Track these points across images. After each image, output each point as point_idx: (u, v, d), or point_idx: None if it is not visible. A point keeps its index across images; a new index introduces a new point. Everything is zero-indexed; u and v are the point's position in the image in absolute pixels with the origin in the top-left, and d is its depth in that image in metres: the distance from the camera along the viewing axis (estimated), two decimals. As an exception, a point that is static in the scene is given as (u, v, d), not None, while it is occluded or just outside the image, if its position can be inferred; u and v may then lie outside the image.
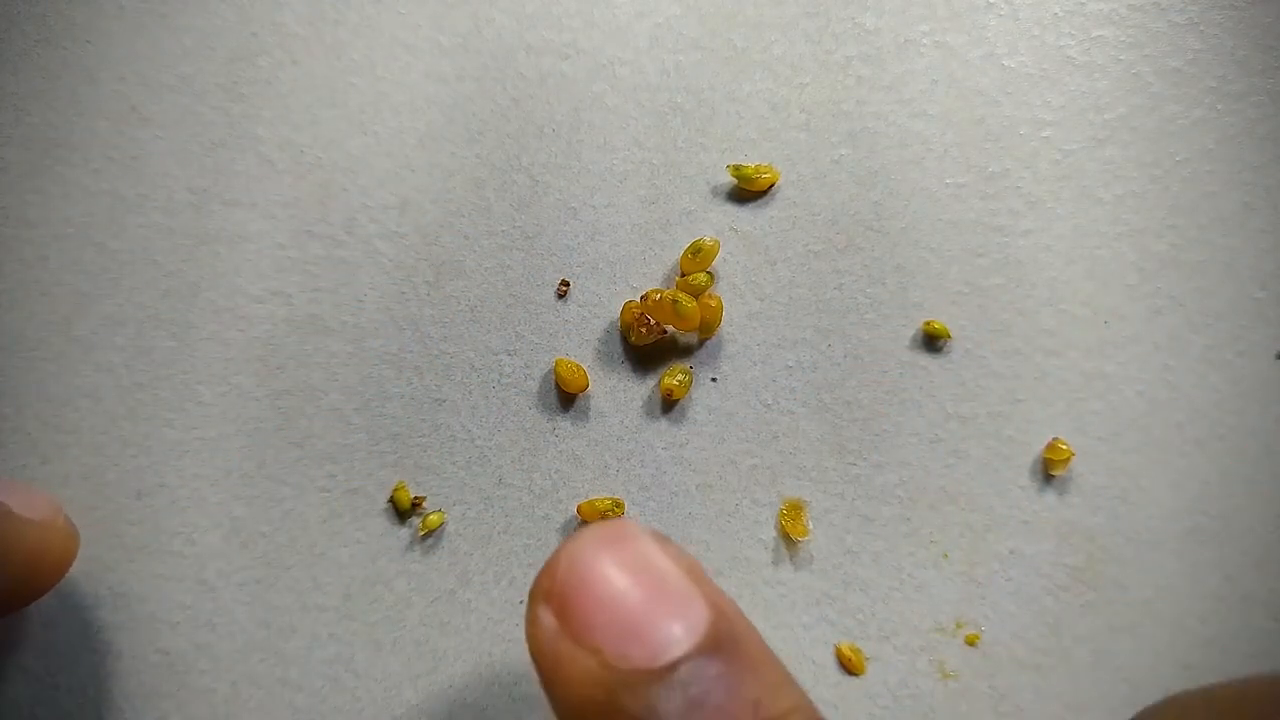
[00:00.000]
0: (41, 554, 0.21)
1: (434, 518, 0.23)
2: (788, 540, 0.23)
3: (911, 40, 0.25)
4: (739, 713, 0.16)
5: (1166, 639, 0.23)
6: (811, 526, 0.24)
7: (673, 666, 0.16)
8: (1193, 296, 0.24)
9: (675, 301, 0.23)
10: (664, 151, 0.25)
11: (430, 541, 0.24)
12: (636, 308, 0.24)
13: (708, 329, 0.24)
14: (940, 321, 0.24)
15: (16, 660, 0.23)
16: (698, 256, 0.24)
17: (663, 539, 0.19)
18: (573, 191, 0.25)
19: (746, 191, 0.25)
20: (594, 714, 0.16)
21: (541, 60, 0.25)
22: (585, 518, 0.23)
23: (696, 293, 0.24)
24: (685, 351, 0.24)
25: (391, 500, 0.24)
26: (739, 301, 0.25)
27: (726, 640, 0.17)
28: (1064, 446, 0.23)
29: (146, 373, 0.24)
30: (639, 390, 0.24)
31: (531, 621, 0.17)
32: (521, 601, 0.23)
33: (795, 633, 0.23)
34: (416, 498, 0.24)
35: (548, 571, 0.18)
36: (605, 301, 0.25)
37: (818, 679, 0.23)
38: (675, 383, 0.24)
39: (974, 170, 0.25)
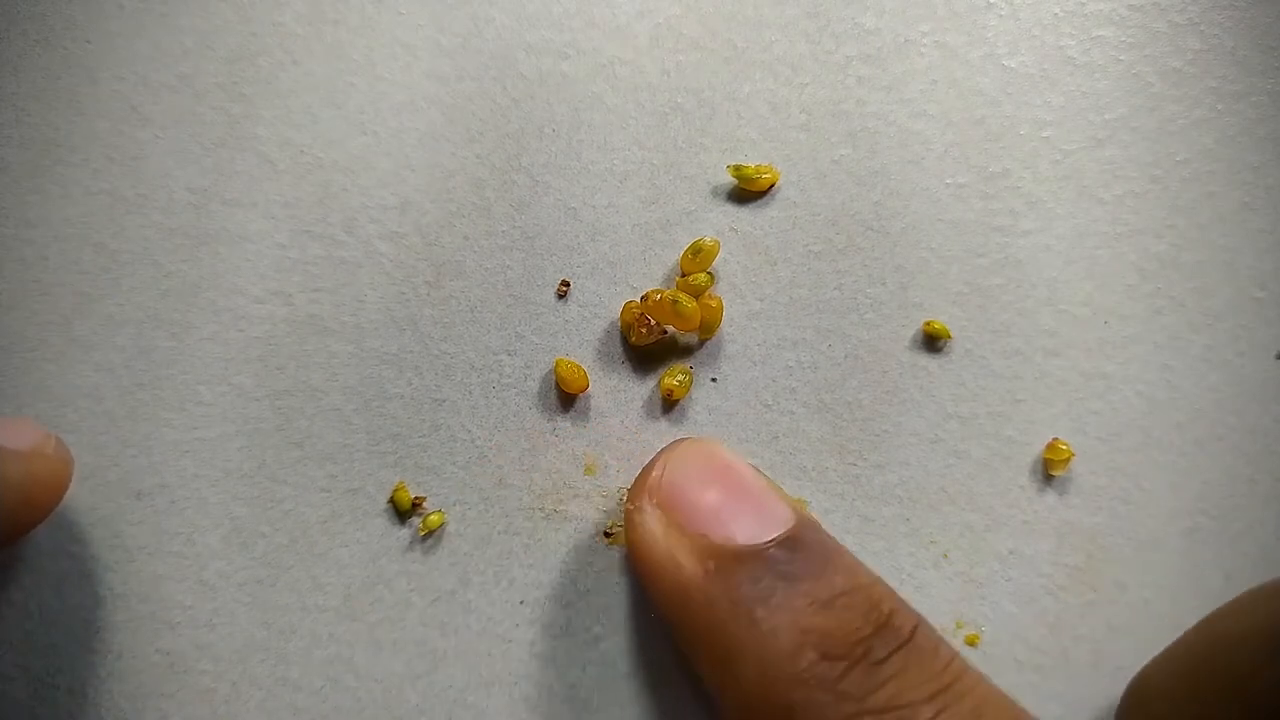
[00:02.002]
0: (31, 484, 0.21)
1: (434, 518, 0.23)
2: None
3: (911, 40, 0.25)
4: (831, 581, 0.18)
5: (1166, 639, 0.23)
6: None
7: (773, 544, 0.18)
8: (1193, 296, 0.24)
9: (675, 301, 0.23)
10: (664, 151, 0.25)
11: (430, 541, 0.24)
12: (636, 308, 0.24)
13: (708, 329, 0.24)
14: (940, 321, 0.24)
15: (16, 660, 0.23)
16: (698, 256, 0.24)
17: (740, 456, 0.21)
18: (573, 191, 0.25)
19: (746, 191, 0.25)
20: (708, 590, 0.18)
21: (541, 60, 0.25)
22: (613, 542, 0.23)
23: (696, 293, 0.24)
24: (685, 351, 0.24)
25: (391, 500, 0.24)
26: (739, 301, 0.25)
27: (810, 529, 0.19)
28: (1064, 446, 0.23)
29: (146, 373, 0.24)
30: (639, 390, 0.24)
31: (637, 512, 0.20)
32: (522, 602, 0.23)
33: (795, 633, 0.23)
34: (416, 498, 0.24)
35: (648, 474, 0.20)
36: (605, 301, 0.25)
37: (818, 679, 0.23)
38: (675, 383, 0.24)
39: (974, 170, 0.25)
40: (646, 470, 0.21)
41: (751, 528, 0.19)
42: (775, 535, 0.19)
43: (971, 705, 0.17)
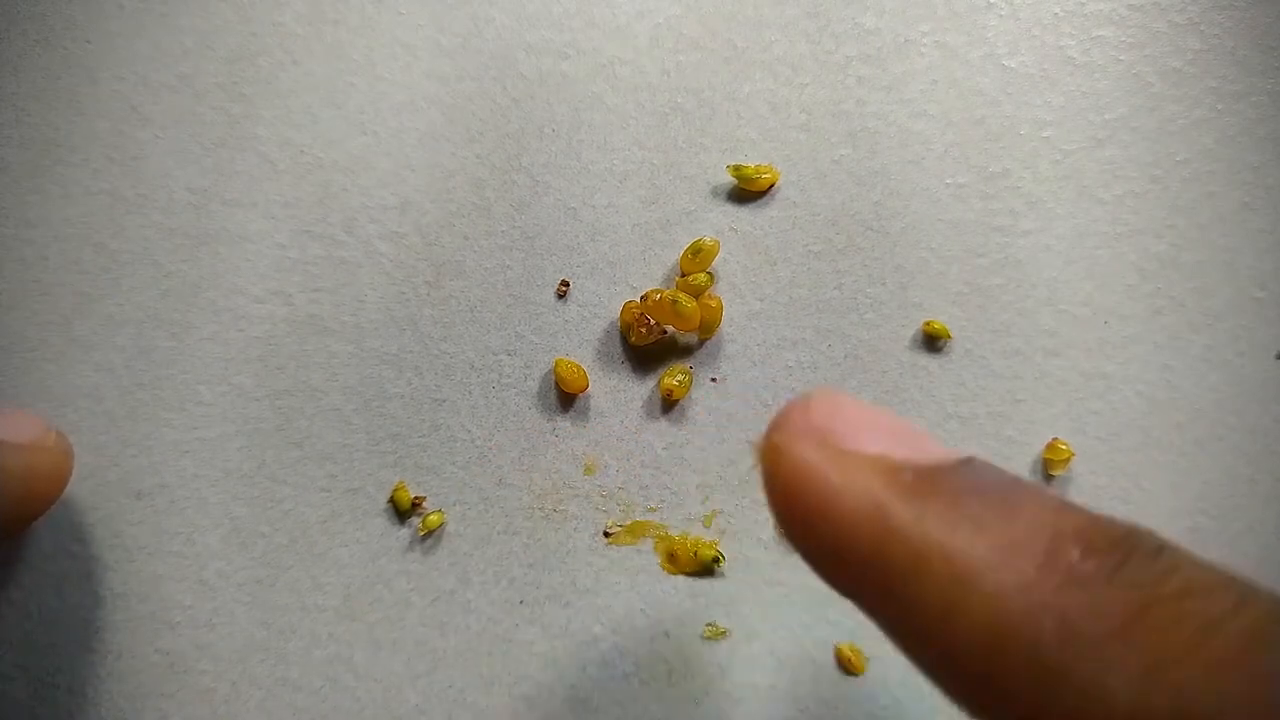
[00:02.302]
0: (31, 476, 0.21)
1: (434, 518, 0.23)
2: None
3: (911, 40, 0.25)
4: (1049, 492, 0.14)
5: (1166, 639, 0.23)
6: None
7: (960, 464, 0.15)
8: (1193, 296, 0.24)
9: (675, 301, 0.23)
10: (664, 151, 0.25)
11: (430, 541, 0.24)
12: (636, 308, 0.24)
13: (708, 329, 0.24)
14: (940, 321, 0.24)
15: (16, 660, 0.23)
16: (698, 256, 0.24)
17: None
18: (573, 191, 0.25)
19: (746, 191, 0.25)
20: (902, 509, 0.14)
21: (541, 60, 0.25)
22: (613, 540, 0.23)
23: (696, 293, 0.24)
24: (685, 351, 0.24)
25: (391, 500, 0.24)
26: (739, 301, 0.25)
27: (981, 460, 0.15)
28: (1064, 446, 0.23)
29: (146, 373, 0.24)
30: (639, 390, 0.24)
31: (781, 445, 0.15)
32: (522, 602, 0.23)
33: (795, 633, 0.23)
34: (416, 498, 0.24)
35: (791, 415, 0.16)
36: (605, 301, 0.25)
37: (818, 679, 0.23)
38: (675, 383, 0.24)
39: (974, 170, 0.25)
40: (780, 415, 0.16)
41: (928, 452, 0.15)
42: (959, 456, 0.15)
43: (1268, 608, 0.13)
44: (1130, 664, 0.13)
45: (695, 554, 0.23)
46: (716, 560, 0.23)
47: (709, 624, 0.23)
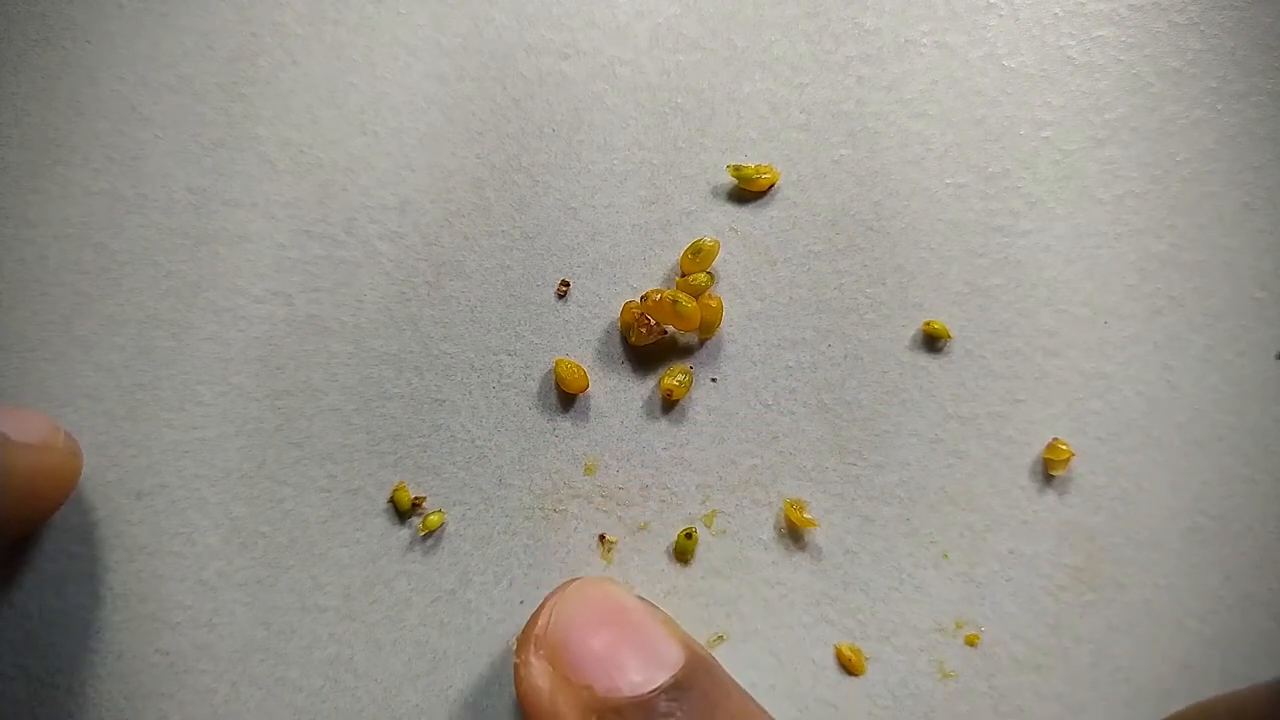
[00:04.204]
0: (40, 477, 0.21)
1: (434, 518, 0.23)
2: (795, 532, 0.23)
3: (911, 40, 0.25)
4: None
5: (1166, 639, 0.23)
6: (817, 520, 0.24)
7: (653, 696, 0.18)
8: (1193, 296, 0.24)
9: (675, 301, 0.23)
10: (664, 151, 0.25)
11: (430, 541, 0.24)
12: (636, 308, 0.24)
13: (708, 329, 0.24)
14: (940, 321, 0.24)
15: (16, 660, 0.23)
16: (698, 256, 0.24)
17: (630, 592, 0.21)
18: (573, 191, 0.25)
19: (746, 191, 0.25)
20: None
21: (541, 60, 0.25)
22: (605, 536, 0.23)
23: (696, 293, 0.24)
24: (685, 351, 0.24)
25: (391, 500, 0.24)
26: (739, 301, 0.25)
27: (700, 673, 0.19)
28: (1064, 446, 0.23)
29: (146, 373, 0.24)
30: (639, 390, 0.24)
31: (524, 666, 0.19)
32: (522, 602, 0.23)
33: (795, 633, 0.23)
34: (416, 498, 0.24)
35: (532, 623, 0.20)
36: (605, 301, 0.25)
37: (818, 679, 0.23)
38: (675, 383, 0.24)
39: (974, 170, 0.25)
40: (534, 617, 0.20)
41: (638, 674, 0.18)
42: (661, 683, 0.18)
43: None
44: None
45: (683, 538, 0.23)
46: (689, 535, 0.23)
47: (709, 628, 0.23)
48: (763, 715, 0.19)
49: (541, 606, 0.20)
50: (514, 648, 0.20)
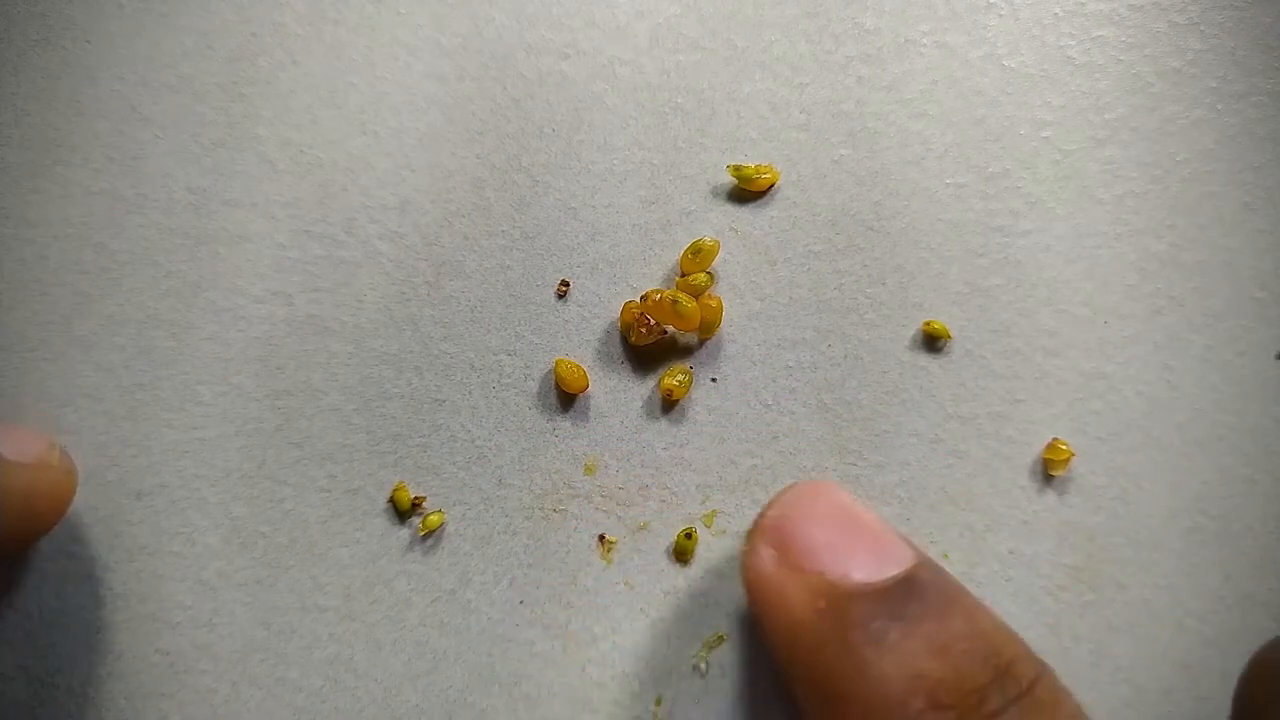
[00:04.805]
0: (34, 496, 0.21)
1: (434, 518, 0.23)
2: None
3: (911, 40, 0.25)
4: (949, 625, 0.17)
5: (1166, 639, 0.23)
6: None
7: (892, 583, 0.18)
8: (1193, 296, 0.24)
9: (675, 301, 0.23)
10: (664, 151, 0.25)
11: (430, 541, 0.24)
12: (636, 308, 0.24)
13: (708, 329, 0.24)
14: (940, 321, 0.24)
15: (16, 660, 0.23)
16: (698, 256, 0.24)
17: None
18: (573, 191, 0.25)
19: (746, 191, 0.25)
20: (818, 629, 0.18)
21: (541, 60, 0.25)
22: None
23: (696, 293, 0.24)
24: (685, 351, 0.24)
25: (391, 500, 0.24)
26: (739, 301, 0.25)
27: (931, 570, 0.19)
28: (1064, 446, 0.23)
29: (146, 373, 0.24)
30: (639, 390, 0.24)
31: (751, 554, 0.19)
32: (522, 602, 0.23)
33: (795, 633, 0.23)
34: (416, 498, 0.24)
35: (765, 514, 0.20)
36: (605, 301, 0.25)
37: (818, 679, 0.23)
38: (675, 383, 0.24)
39: (974, 170, 0.25)
40: (763, 512, 0.20)
41: (868, 566, 0.18)
42: (893, 574, 0.18)
43: None
44: None
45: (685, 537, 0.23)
46: (689, 535, 0.23)
47: (709, 629, 0.23)
48: (997, 619, 0.19)
49: (772, 500, 0.20)
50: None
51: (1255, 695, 0.16)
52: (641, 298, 0.24)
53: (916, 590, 0.18)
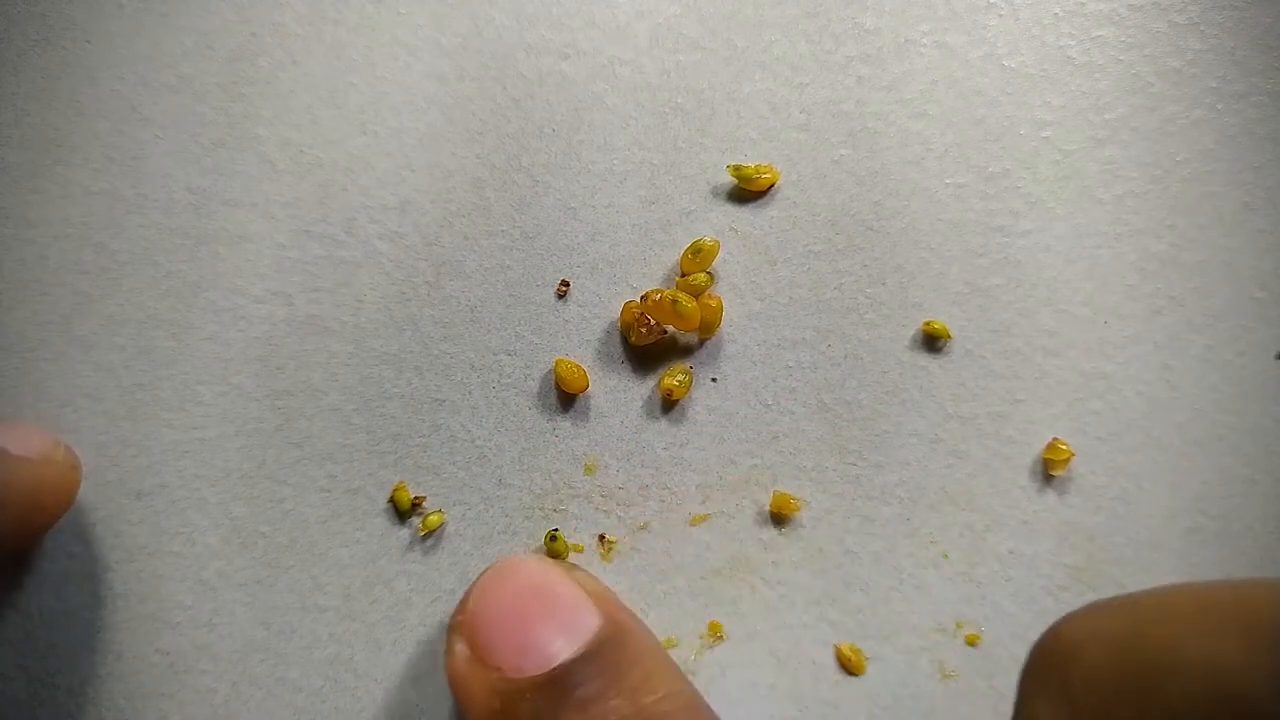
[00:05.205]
0: (40, 491, 0.21)
1: (434, 518, 0.23)
2: (787, 524, 0.23)
3: (911, 40, 0.25)
4: (617, 703, 0.18)
5: (1166, 639, 0.23)
6: (808, 520, 0.24)
7: (558, 671, 0.18)
8: (1193, 296, 0.24)
9: (675, 301, 0.23)
10: (664, 151, 0.25)
11: (430, 541, 0.24)
12: (636, 308, 0.24)
13: (708, 329, 0.24)
14: (940, 321, 0.24)
15: (16, 660, 0.23)
16: (698, 256, 0.24)
17: (563, 565, 0.21)
18: (573, 191, 0.25)
19: (746, 191, 0.25)
20: None
21: (541, 60, 0.25)
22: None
23: (696, 293, 0.24)
24: (685, 351, 0.24)
25: (391, 500, 0.24)
26: (739, 301, 0.25)
27: (610, 642, 0.19)
28: (1064, 446, 0.23)
29: (146, 373, 0.24)
30: (639, 390, 0.24)
31: (448, 651, 0.20)
32: (521, 601, 0.23)
33: (795, 633, 0.23)
34: (416, 498, 0.24)
35: (459, 607, 0.20)
36: (605, 301, 0.25)
37: (818, 679, 0.23)
38: (675, 383, 0.24)
39: (974, 170, 0.25)
40: (461, 601, 0.20)
41: (547, 651, 0.18)
42: (566, 656, 0.18)
43: None
44: None
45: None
46: (553, 539, 0.23)
47: (709, 624, 0.23)
48: (676, 676, 0.19)
49: (467, 592, 0.20)
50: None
51: (1026, 683, 0.15)
52: (641, 298, 0.24)
53: (579, 675, 0.18)
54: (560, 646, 0.19)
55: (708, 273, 0.24)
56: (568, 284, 0.25)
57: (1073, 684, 0.14)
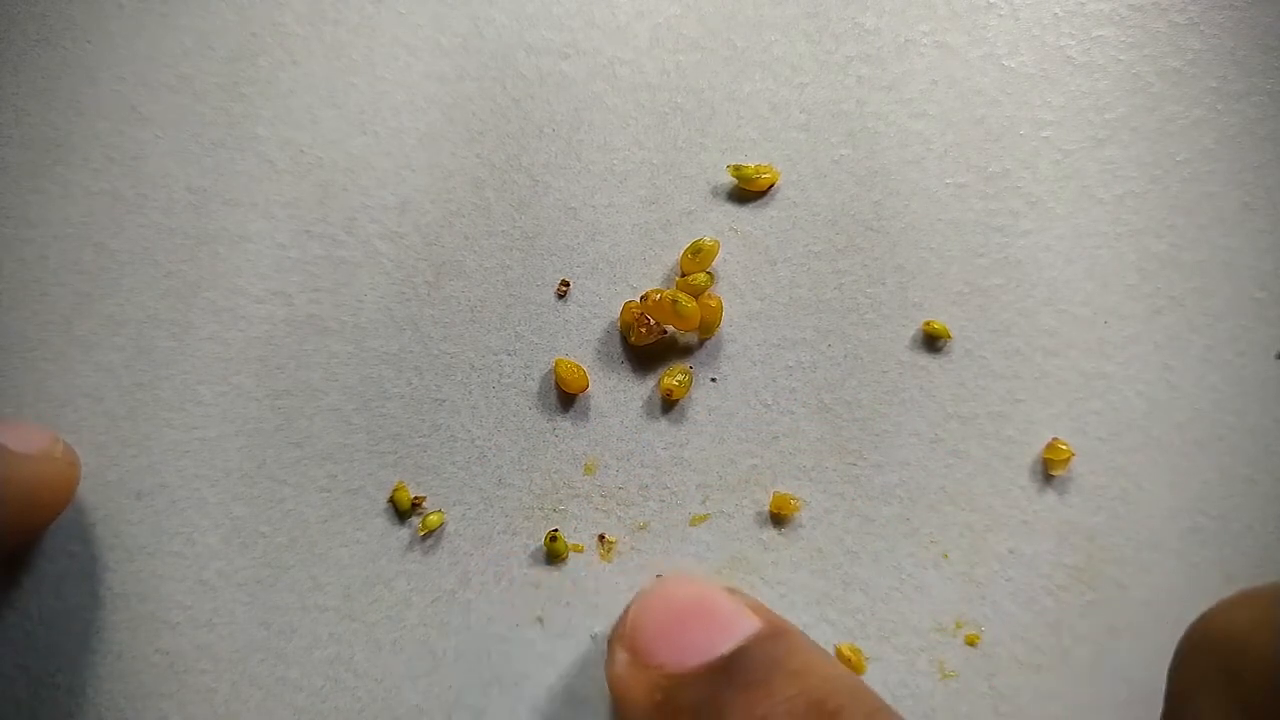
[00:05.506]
0: (39, 488, 0.21)
1: (434, 518, 0.23)
2: (786, 523, 0.23)
3: (911, 40, 0.25)
4: (781, 684, 0.18)
5: (1166, 639, 0.23)
6: (808, 520, 0.24)
7: (719, 661, 0.19)
8: (1193, 296, 0.24)
9: (675, 301, 0.23)
10: (664, 151, 0.25)
11: (430, 541, 0.24)
12: (636, 308, 0.24)
13: (708, 329, 0.24)
14: (940, 321, 0.24)
15: (16, 660, 0.23)
16: (698, 256, 0.24)
17: (722, 582, 0.22)
18: (573, 191, 0.25)
19: (746, 191, 0.25)
20: (658, 714, 0.18)
21: (541, 60, 0.25)
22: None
23: (696, 293, 0.24)
24: (685, 351, 0.24)
25: (391, 500, 0.24)
26: (739, 301, 0.25)
27: (771, 638, 0.19)
28: (1064, 446, 0.23)
29: (146, 373, 0.24)
30: (639, 390, 0.24)
31: (609, 660, 0.20)
32: (523, 602, 0.23)
33: (795, 633, 0.23)
34: (416, 498, 0.24)
35: (620, 621, 0.21)
36: (605, 301, 0.25)
37: (818, 679, 0.23)
38: (675, 383, 0.24)
39: (974, 170, 0.25)
40: (622, 616, 0.21)
41: (703, 650, 0.19)
42: (724, 650, 0.19)
43: None
44: None
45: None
46: (554, 539, 0.23)
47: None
48: (839, 666, 0.19)
49: (628, 606, 0.21)
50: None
51: (1184, 678, 0.15)
52: (641, 298, 0.24)
53: (741, 664, 0.19)
54: (720, 643, 0.19)
55: (708, 273, 0.24)
56: (568, 284, 0.25)
57: (1244, 678, 0.13)
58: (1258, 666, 0.13)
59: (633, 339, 0.24)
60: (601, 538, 0.24)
